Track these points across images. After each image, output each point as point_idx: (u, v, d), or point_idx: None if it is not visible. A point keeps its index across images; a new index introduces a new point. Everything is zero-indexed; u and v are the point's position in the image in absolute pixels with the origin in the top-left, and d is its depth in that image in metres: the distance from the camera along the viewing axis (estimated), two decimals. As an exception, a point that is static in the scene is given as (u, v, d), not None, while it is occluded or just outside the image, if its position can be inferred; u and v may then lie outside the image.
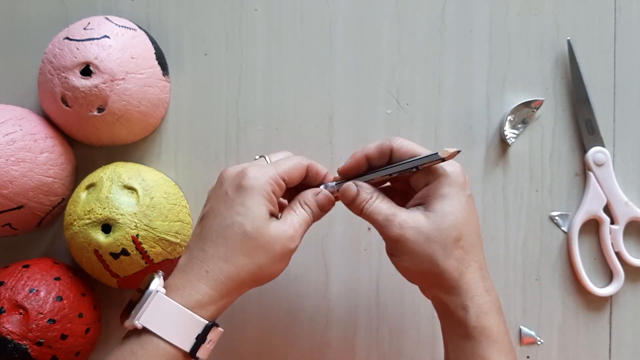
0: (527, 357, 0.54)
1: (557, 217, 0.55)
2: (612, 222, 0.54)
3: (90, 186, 0.50)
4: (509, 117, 0.54)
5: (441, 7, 0.55)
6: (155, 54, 0.53)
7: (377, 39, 0.55)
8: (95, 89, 0.48)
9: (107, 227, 0.47)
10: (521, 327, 0.54)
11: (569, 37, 0.55)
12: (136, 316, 0.39)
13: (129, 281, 0.50)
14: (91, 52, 0.48)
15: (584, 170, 0.55)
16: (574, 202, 0.55)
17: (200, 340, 0.39)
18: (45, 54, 0.51)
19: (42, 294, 0.47)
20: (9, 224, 0.50)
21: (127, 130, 0.52)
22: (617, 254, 0.54)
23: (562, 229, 0.55)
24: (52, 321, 0.46)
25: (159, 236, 0.48)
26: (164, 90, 0.54)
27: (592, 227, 0.55)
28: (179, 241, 0.50)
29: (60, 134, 0.53)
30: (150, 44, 0.53)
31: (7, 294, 0.46)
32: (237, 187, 0.41)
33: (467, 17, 0.55)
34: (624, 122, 0.55)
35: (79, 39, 0.49)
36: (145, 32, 0.54)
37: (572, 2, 0.55)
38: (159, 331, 0.38)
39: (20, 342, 0.45)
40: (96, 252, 0.47)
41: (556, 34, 0.55)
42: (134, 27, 0.53)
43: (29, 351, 0.45)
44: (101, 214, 0.47)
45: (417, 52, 0.55)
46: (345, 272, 0.55)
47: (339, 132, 0.55)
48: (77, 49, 0.49)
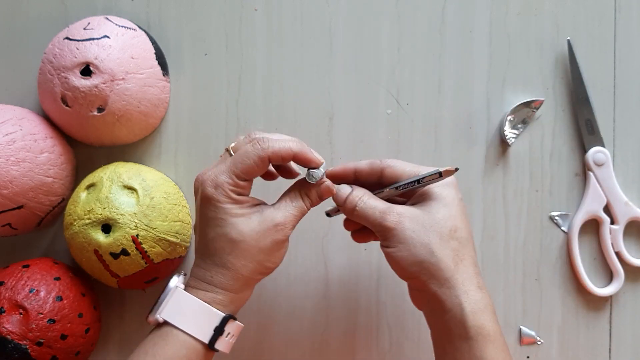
0: (527, 357, 0.54)
1: (557, 217, 0.55)
2: (612, 222, 0.54)
3: (90, 186, 0.50)
4: (509, 117, 0.54)
5: (441, 7, 0.55)
6: (155, 54, 0.53)
7: (377, 39, 0.56)
8: (95, 89, 0.48)
9: (107, 227, 0.47)
10: (521, 327, 0.54)
11: (569, 37, 0.55)
12: (158, 310, 0.41)
13: (129, 281, 0.50)
14: (91, 52, 0.48)
15: (584, 170, 0.55)
16: (574, 202, 0.55)
17: (218, 332, 0.41)
18: (45, 54, 0.51)
19: (42, 294, 0.47)
20: (9, 224, 0.50)
21: (127, 130, 0.52)
22: (617, 254, 0.54)
23: (562, 229, 0.55)
24: (52, 321, 0.46)
25: (159, 236, 0.48)
26: (164, 90, 0.54)
27: (592, 227, 0.55)
28: (179, 241, 0.50)
29: (60, 134, 0.53)
30: (150, 44, 0.53)
31: (7, 294, 0.46)
32: (203, 200, 0.41)
33: (467, 17, 0.55)
34: (624, 122, 0.55)
35: (79, 39, 0.49)
36: (145, 32, 0.54)
37: (572, 2, 0.55)
38: (179, 323, 0.40)
39: (20, 342, 0.45)
40: (96, 252, 0.47)
41: (556, 34, 0.55)
42: (134, 27, 0.53)
43: (29, 351, 0.45)
44: (101, 214, 0.47)
45: (417, 52, 0.55)
46: (345, 272, 0.55)
47: (339, 132, 0.55)
48: (77, 49, 0.49)
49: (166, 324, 0.41)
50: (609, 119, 0.55)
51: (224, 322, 0.41)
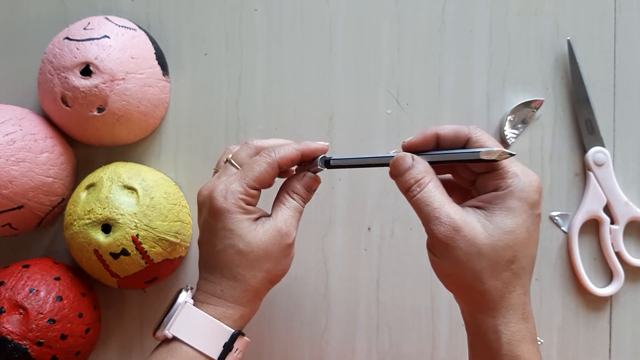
0: (527, 357, 0.54)
1: (557, 217, 0.55)
2: (612, 222, 0.54)
3: (90, 186, 0.50)
4: (509, 117, 0.54)
5: (441, 7, 0.55)
6: (155, 54, 0.53)
7: (377, 39, 0.55)
8: (95, 89, 0.48)
9: (107, 227, 0.47)
10: (521, 327, 0.54)
11: (569, 37, 0.55)
12: (167, 326, 0.40)
13: (129, 281, 0.50)
14: (91, 52, 0.48)
15: (584, 170, 0.55)
16: (574, 202, 0.55)
17: (227, 348, 0.40)
18: (45, 54, 0.51)
19: (42, 294, 0.47)
20: (9, 224, 0.50)
21: (127, 130, 0.52)
22: (617, 254, 0.54)
23: (562, 229, 0.55)
24: (52, 321, 0.46)
25: (159, 236, 0.48)
26: (164, 90, 0.54)
27: (592, 227, 0.55)
28: (179, 241, 0.50)
29: (60, 134, 0.53)
30: (150, 44, 0.53)
31: (7, 294, 0.46)
32: (211, 213, 0.41)
33: (467, 17, 0.55)
34: (624, 122, 0.55)
35: (79, 39, 0.49)
36: (145, 32, 0.54)
37: (572, 2, 0.55)
38: (188, 339, 0.40)
39: (20, 342, 0.45)
40: (96, 252, 0.47)
41: (556, 34, 0.55)
42: (134, 27, 0.53)
43: (29, 351, 0.45)
44: (101, 214, 0.47)
45: (417, 52, 0.55)
46: (345, 272, 0.55)
47: (339, 132, 0.55)
48: (77, 49, 0.49)
49: (175, 339, 0.40)
50: (609, 119, 0.55)
51: (233, 338, 0.40)
